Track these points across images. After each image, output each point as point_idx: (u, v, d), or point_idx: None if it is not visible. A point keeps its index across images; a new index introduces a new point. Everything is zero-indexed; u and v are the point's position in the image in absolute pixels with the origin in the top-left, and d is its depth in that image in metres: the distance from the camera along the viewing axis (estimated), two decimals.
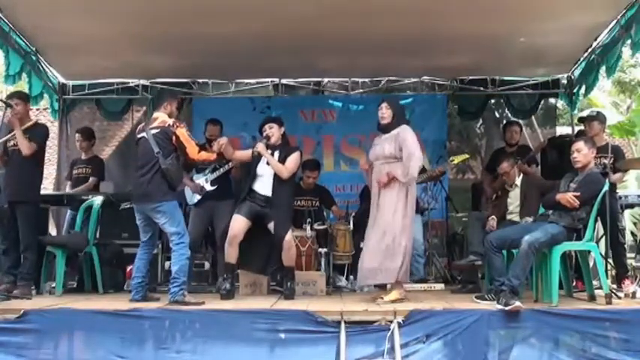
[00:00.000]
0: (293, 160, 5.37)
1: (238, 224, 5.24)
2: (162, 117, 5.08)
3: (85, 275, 5.90)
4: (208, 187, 6.15)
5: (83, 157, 6.99)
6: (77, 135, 7.09)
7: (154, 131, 4.99)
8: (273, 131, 5.43)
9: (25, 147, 5.36)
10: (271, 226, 5.26)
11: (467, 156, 6.59)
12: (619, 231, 5.77)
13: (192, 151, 5.02)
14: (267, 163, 5.33)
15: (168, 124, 5.00)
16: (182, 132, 5.00)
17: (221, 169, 6.11)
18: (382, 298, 4.90)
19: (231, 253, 5.27)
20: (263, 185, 5.33)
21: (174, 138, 4.97)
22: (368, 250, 5.06)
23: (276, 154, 5.38)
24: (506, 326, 4.25)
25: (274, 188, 5.28)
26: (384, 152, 5.07)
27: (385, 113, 5.16)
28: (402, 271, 4.93)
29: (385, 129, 5.17)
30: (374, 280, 5.15)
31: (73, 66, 7.50)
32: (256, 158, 5.39)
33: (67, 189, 6.94)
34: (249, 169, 5.49)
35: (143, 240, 5.11)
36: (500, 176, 5.94)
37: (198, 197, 6.14)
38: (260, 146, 5.34)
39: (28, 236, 5.37)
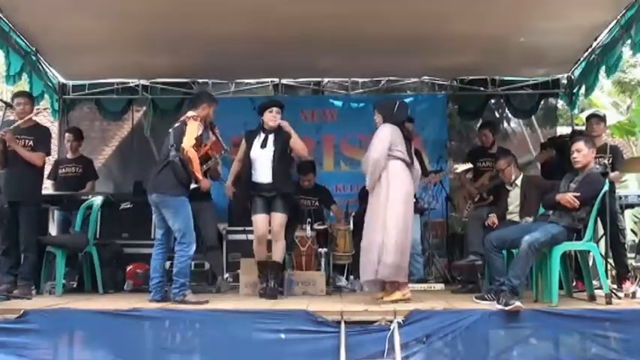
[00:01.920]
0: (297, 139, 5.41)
1: (262, 223, 5.30)
2: (190, 113, 5.12)
3: (85, 275, 5.91)
4: (193, 185, 6.21)
5: (70, 156, 6.97)
6: (68, 135, 7.07)
7: (175, 125, 5.07)
8: (279, 117, 5.41)
9: (36, 160, 5.44)
10: (274, 214, 5.27)
11: (470, 166, 6.60)
12: (619, 231, 5.77)
13: (189, 141, 4.90)
14: (262, 147, 5.31)
15: (186, 117, 5.02)
16: (192, 124, 4.97)
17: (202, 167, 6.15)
18: (382, 297, 4.89)
19: (260, 252, 5.34)
20: (261, 172, 5.31)
21: (183, 128, 4.98)
22: (363, 247, 5.05)
23: (271, 137, 5.35)
24: (506, 326, 4.25)
25: (274, 173, 5.26)
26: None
27: (377, 119, 5.20)
28: (382, 268, 4.78)
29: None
30: (364, 276, 5.01)
31: (73, 66, 7.50)
32: (247, 145, 5.38)
33: (51, 189, 6.91)
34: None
35: (157, 237, 5.11)
36: (481, 175, 5.93)
37: None
38: (285, 124, 5.34)
39: (29, 236, 5.38)
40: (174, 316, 4.36)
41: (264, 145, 5.33)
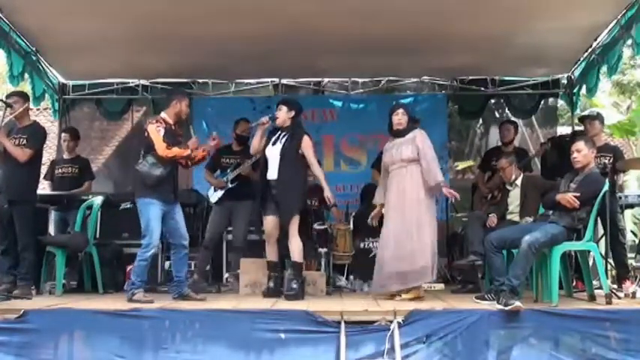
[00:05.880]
0: (308, 147, 5.36)
1: (269, 224, 5.32)
2: (162, 115, 5.17)
3: (85, 275, 5.90)
4: (229, 185, 6.23)
5: (66, 156, 6.92)
6: (64, 135, 7.03)
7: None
8: (280, 114, 5.42)
9: (19, 155, 5.34)
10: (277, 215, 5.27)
11: (471, 163, 6.63)
12: (619, 231, 5.78)
13: (159, 147, 4.99)
14: (273, 144, 5.34)
15: (149, 122, 5.10)
16: (151, 128, 5.04)
17: (239, 168, 6.16)
18: (400, 295, 4.97)
19: (269, 252, 5.37)
20: (271, 169, 5.33)
21: (146, 134, 5.07)
22: (393, 255, 5.06)
23: (282, 137, 5.36)
24: (506, 326, 4.24)
25: (280, 169, 5.25)
26: (402, 156, 5.14)
27: (402, 119, 5.26)
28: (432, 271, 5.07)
29: (399, 134, 5.26)
30: (403, 284, 5.07)
31: (73, 66, 7.50)
32: (265, 143, 5.41)
33: (48, 189, 6.89)
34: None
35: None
36: (493, 175, 5.92)
37: (219, 196, 6.19)
38: (263, 119, 5.42)
39: (26, 236, 5.35)
40: (174, 316, 4.35)
41: (275, 142, 5.37)
